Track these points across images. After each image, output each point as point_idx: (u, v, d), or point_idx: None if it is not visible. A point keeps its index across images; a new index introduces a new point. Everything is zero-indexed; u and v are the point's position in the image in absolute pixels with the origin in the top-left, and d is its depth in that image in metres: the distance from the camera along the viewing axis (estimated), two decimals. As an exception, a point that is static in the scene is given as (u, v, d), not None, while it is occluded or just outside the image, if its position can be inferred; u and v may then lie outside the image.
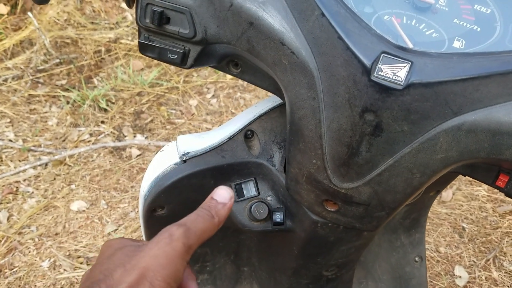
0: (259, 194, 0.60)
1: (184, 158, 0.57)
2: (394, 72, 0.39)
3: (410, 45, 0.41)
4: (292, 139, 0.50)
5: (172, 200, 0.58)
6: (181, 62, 0.51)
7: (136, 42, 2.97)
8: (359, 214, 0.51)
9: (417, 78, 0.39)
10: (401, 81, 0.39)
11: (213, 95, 2.68)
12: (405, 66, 0.39)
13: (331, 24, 0.41)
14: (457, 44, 0.41)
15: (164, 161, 0.57)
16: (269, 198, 0.61)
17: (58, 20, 3.09)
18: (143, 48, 0.52)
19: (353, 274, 0.74)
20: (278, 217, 0.60)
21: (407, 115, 0.40)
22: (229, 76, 2.79)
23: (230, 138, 0.58)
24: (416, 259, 0.91)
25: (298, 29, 0.43)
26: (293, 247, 0.63)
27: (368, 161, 0.45)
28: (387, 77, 0.39)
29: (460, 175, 0.77)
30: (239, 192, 0.60)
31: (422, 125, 0.41)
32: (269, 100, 0.62)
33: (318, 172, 0.49)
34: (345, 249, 0.61)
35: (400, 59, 0.39)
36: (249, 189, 0.61)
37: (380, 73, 0.40)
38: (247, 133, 0.60)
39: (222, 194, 0.50)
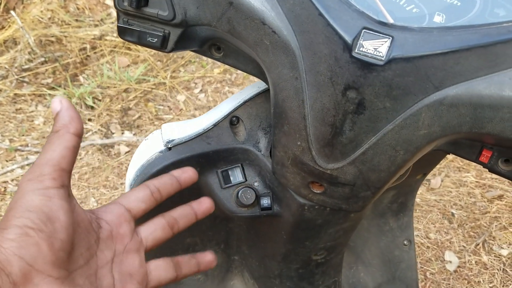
0: (246, 180, 0.60)
1: (169, 146, 0.56)
2: (375, 48, 0.39)
3: (391, 20, 0.41)
4: (277, 122, 0.50)
5: None
6: (161, 45, 0.50)
7: (120, 38, 2.94)
8: (345, 195, 0.51)
9: (398, 53, 0.39)
10: (382, 57, 0.39)
11: (200, 90, 2.67)
12: (386, 42, 0.39)
13: (311, 1, 0.41)
14: (438, 19, 0.41)
15: (149, 149, 0.57)
16: (256, 184, 0.61)
17: (42, 18, 3.06)
18: (122, 32, 0.51)
19: (343, 258, 0.75)
20: (265, 202, 0.60)
21: (389, 91, 0.40)
22: (216, 71, 2.78)
23: (215, 125, 0.58)
24: (405, 242, 0.91)
25: (278, 7, 0.43)
26: (281, 232, 0.63)
27: (352, 140, 0.45)
28: (368, 53, 0.39)
29: (446, 155, 0.78)
30: (225, 179, 0.60)
31: (404, 101, 0.41)
32: (254, 86, 0.62)
33: (303, 153, 0.49)
34: (333, 231, 0.61)
35: (381, 35, 0.39)
36: (236, 175, 0.61)
37: (361, 49, 0.40)
38: (232, 120, 0.60)
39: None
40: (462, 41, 0.38)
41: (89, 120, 2.48)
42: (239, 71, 2.75)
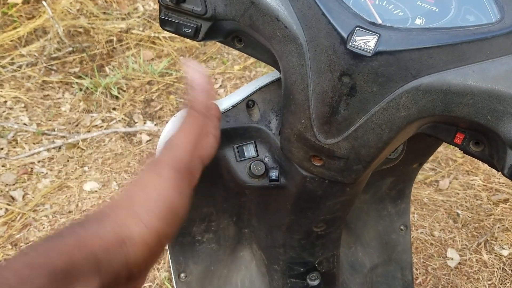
0: (257, 155, 0.70)
1: None
2: (365, 42, 0.49)
3: (380, 21, 0.51)
4: (286, 103, 0.59)
5: None
6: (194, 35, 0.61)
7: (146, 32, 3.06)
8: (340, 168, 0.60)
9: (383, 47, 0.48)
10: (371, 50, 0.49)
11: (220, 85, 2.76)
12: (374, 38, 0.49)
13: (317, 3, 0.51)
14: (418, 21, 0.51)
15: (176, 124, 0.67)
16: (266, 159, 0.70)
17: (71, 9, 3.18)
18: (163, 23, 0.62)
19: (341, 233, 0.84)
20: (273, 174, 0.69)
21: (376, 78, 0.50)
22: (236, 67, 2.88)
23: (234, 106, 0.68)
24: (402, 227, 1.00)
25: (290, 7, 0.53)
26: (286, 203, 0.72)
27: (346, 118, 0.54)
28: (359, 46, 0.49)
29: (439, 145, 0.87)
30: (240, 153, 0.70)
31: (388, 86, 0.50)
32: (269, 75, 0.71)
33: (306, 130, 0.58)
34: (331, 204, 0.70)
35: (370, 32, 0.49)
36: (249, 151, 0.70)
37: (354, 43, 0.49)
38: (248, 103, 0.69)
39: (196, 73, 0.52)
40: (435, 39, 0.48)
41: (114, 109, 2.59)
42: (258, 69, 2.84)
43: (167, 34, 3.05)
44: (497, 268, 1.80)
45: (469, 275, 1.80)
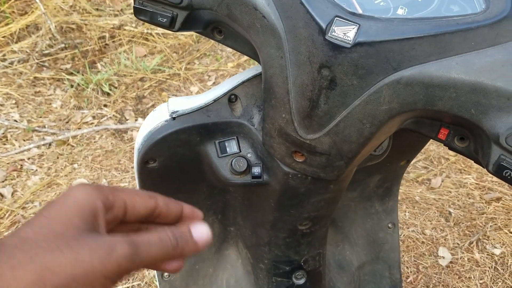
0: (240, 151, 0.68)
1: (174, 116, 0.65)
2: (344, 33, 0.47)
3: (360, 11, 0.49)
4: (266, 97, 0.58)
5: (163, 154, 0.66)
6: (170, 25, 0.59)
7: (139, 29, 3.04)
8: (322, 164, 0.58)
9: (363, 38, 0.47)
10: (350, 40, 0.47)
11: (213, 83, 2.75)
12: (353, 28, 0.47)
13: None
14: (400, 12, 0.49)
15: (156, 118, 0.66)
16: (249, 155, 0.69)
17: (63, 6, 3.16)
18: (137, 12, 0.60)
19: (327, 231, 0.82)
20: (256, 170, 0.68)
21: (356, 70, 0.48)
22: (230, 65, 2.86)
23: (216, 100, 0.66)
24: (389, 225, 0.99)
25: None
26: (270, 200, 0.71)
27: (327, 112, 0.52)
28: (338, 37, 0.47)
29: (427, 142, 0.85)
30: (222, 149, 0.68)
31: (368, 79, 0.48)
32: (252, 69, 0.70)
33: (287, 125, 0.56)
34: (315, 201, 0.69)
35: (350, 22, 0.47)
36: (232, 146, 0.69)
37: (333, 33, 0.47)
38: (231, 97, 0.68)
39: (201, 232, 0.43)
40: (417, 30, 0.46)
41: (105, 105, 2.57)
42: (252, 66, 2.83)
43: (160, 30, 3.04)
44: (489, 267, 1.80)
45: (460, 274, 1.79)
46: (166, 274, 0.92)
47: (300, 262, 0.83)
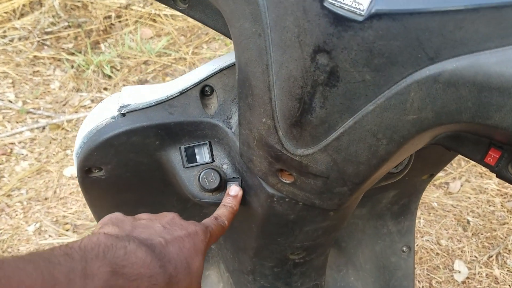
0: (213, 160, 0.52)
1: (123, 111, 0.48)
2: None
3: None
4: (241, 92, 0.41)
5: (110, 161, 0.50)
6: None
7: (147, 9, 2.90)
8: (317, 189, 0.42)
9: (382, 7, 0.29)
10: (363, 10, 0.29)
11: (221, 68, 2.60)
12: None
13: None
14: None
15: (101, 113, 0.49)
16: (224, 166, 0.52)
17: (69, -18, 3.03)
18: None
19: (326, 260, 0.66)
20: (233, 188, 0.51)
21: (370, 59, 0.31)
22: (239, 50, 2.71)
23: (182, 93, 0.50)
24: (404, 249, 0.82)
25: None
26: (251, 225, 0.55)
27: (324, 120, 0.36)
28: (344, 3, 0.30)
29: (457, 154, 0.68)
30: (190, 157, 0.52)
31: (389, 73, 0.31)
32: (234, 54, 0.53)
33: (269, 133, 0.40)
34: (310, 230, 0.53)
35: None
36: (203, 154, 0.52)
37: None
38: (205, 89, 0.51)
39: (234, 189, 0.52)
40: None
41: (105, 89, 2.44)
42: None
43: (168, 11, 2.90)
44: (509, 285, 1.63)
45: (478, 291, 1.62)
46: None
47: None
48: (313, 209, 0.48)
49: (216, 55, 2.67)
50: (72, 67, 2.49)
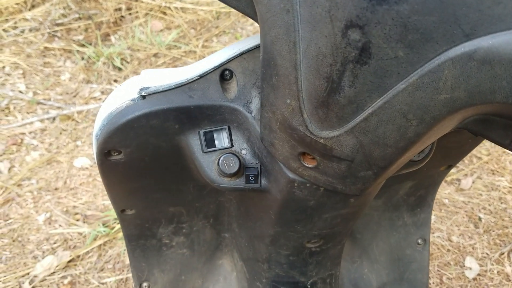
0: (232, 145, 0.51)
1: (143, 94, 0.48)
2: None
3: None
4: (265, 73, 0.40)
5: (129, 143, 0.50)
6: None
7: (157, 2, 2.90)
8: (341, 173, 0.41)
9: None
10: None
11: (230, 62, 2.59)
12: None
13: None
14: None
15: (121, 96, 0.49)
16: (243, 152, 0.52)
17: (80, -26, 3.02)
18: None
19: (342, 249, 0.65)
20: (251, 173, 0.50)
21: (404, 34, 0.30)
22: (250, 44, 2.69)
23: (202, 76, 0.49)
24: (419, 241, 0.81)
25: None
26: (269, 211, 0.54)
27: (352, 100, 0.35)
28: None
29: (477, 144, 0.67)
30: (209, 142, 0.51)
31: (423, 50, 0.30)
32: (254, 37, 0.52)
33: (293, 115, 0.39)
34: (329, 217, 0.52)
35: None
36: (222, 139, 0.51)
37: None
38: (224, 73, 0.50)
39: None
40: None
41: (115, 81, 2.44)
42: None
43: (179, 4, 2.89)
44: (522, 283, 1.61)
45: (489, 288, 1.61)
46: (145, 284, 0.76)
47: (306, 285, 0.67)
48: (334, 194, 0.47)
49: (226, 48, 2.66)
50: (83, 58, 2.49)
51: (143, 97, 0.47)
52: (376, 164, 0.39)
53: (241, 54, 0.50)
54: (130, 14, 2.87)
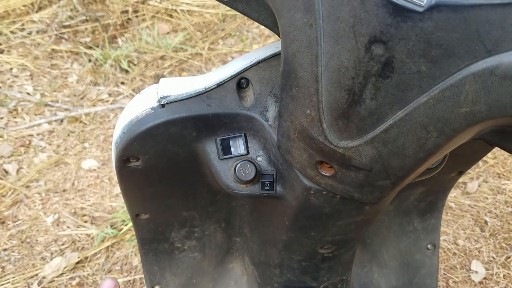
0: (248, 152, 0.52)
1: (163, 102, 0.48)
2: None
3: None
4: (285, 83, 0.41)
5: (148, 151, 0.51)
6: None
7: (164, 4, 2.91)
8: (358, 182, 0.42)
9: None
10: (423, 1, 0.29)
11: (237, 65, 2.59)
12: None
13: None
14: None
15: (141, 104, 0.49)
16: (259, 159, 0.52)
17: (87, -24, 3.04)
18: None
19: (354, 255, 0.66)
20: (267, 180, 0.51)
21: (427, 50, 0.31)
22: (255, 46, 2.69)
23: (220, 85, 0.50)
24: (429, 246, 0.82)
25: None
26: (283, 218, 0.55)
27: (373, 112, 0.35)
28: None
29: (488, 152, 0.67)
30: (225, 149, 0.52)
31: (445, 65, 0.31)
32: (270, 46, 0.53)
33: (312, 125, 0.40)
34: (343, 224, 0.52)
35: None
36: (238, 146, 0.52)
37: None
38: (241, 81, 0.51)
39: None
40: None
41: (122, 83, 2.45)
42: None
43: (185, 7, 2.90)
44: (528, 287, 1.61)
45: (495, 292, 1.61)
46: (157, 287, 0.77)
47: None
48: (349, 202, 0.48)
49: (232, 51, 2.67)
50: (90, 61, 2.50)
51: (163, 105, 0.48)
52: (394, 174, 0.40)
53: (258, 63, 0.51)
54: (137, 16, 2.89)
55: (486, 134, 0.38)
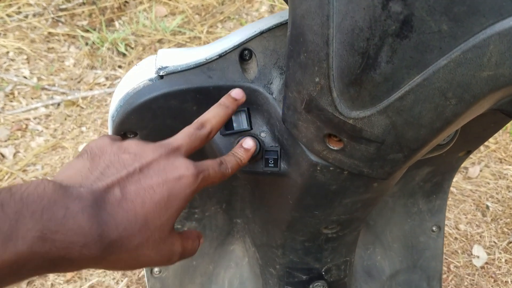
0: (251, 128, 0.50)
1: (161, 73, 0.46)
2: None
3: None
4: (292, 50, 0.38)
5: (146, 125, 0.48)
6: None
7: (162, -13, 2.87)
8: (368, 155, 0.39)
9: None
10: None
11: (236, 48, 2.57)
12: None
13: None
14: None
15: (138, 75, 0.47)
16: (262, 134, 0.50)
17: (84, -42, 2.99)
18: None
19: (358, 236, 0.64)
20: (271, 157, 0.49)
21: (449, 7, 0.28)
22: (255, 31, 2.67)
23: (221, 56, 0.47)
24: (434, 228, 0.80)
25: None
26: (287, 196, 0.53)
27: (388, 77, 0.33)
28: None
29: (499, 129, 0.65)
30: (227, 124, 0.50)
31: (468, 23, 0.29)
32: (275, 16, 0.50)
33: (321, 95, 0.37)
34: (350, 202, 0.50)
35: None
36: (240, 122, 0.50)
37: None
38: (243, 53, 0.49)
39: (250, 143, 0.48)
40: None
41: (119, 67, 2.43)
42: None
43: (183, -11, 2.86)
44: (529, 272, 1.61)
45: (496, 277, 1.60)
46: (156, 270, 0.75)
47: (320, 271, 0.66)
48: (357, 178, 0.46)
49: (231, 34, 2.64)
50: (87, 44, 2.47)
51: (161, 77, 0.46)
52: (408, 146, 0.37)
53: (262, 33, 0.48)
54: (134, -1, 2.85)
55: (506, 104, 0.36)
